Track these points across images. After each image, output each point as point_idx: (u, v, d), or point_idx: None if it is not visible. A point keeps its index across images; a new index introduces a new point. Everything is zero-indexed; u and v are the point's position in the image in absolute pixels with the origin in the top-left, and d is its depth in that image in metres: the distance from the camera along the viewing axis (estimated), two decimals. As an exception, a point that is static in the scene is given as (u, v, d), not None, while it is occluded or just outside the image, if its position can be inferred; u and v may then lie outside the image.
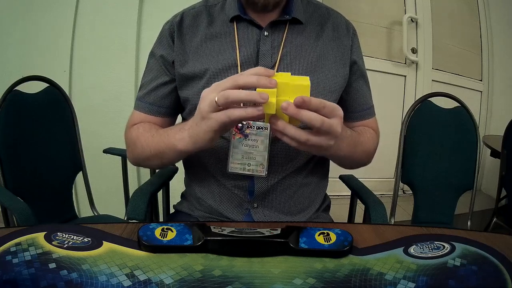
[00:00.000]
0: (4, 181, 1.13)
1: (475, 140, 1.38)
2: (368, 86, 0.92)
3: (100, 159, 1.59)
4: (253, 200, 0.83)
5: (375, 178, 2.64)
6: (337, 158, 0.82)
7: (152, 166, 1.09)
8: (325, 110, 0.59)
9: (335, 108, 0.60)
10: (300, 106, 0.56)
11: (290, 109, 0.56)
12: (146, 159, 0.82)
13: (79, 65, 1.86)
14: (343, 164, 0.88)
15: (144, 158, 0.82)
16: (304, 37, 0.83)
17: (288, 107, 0.56)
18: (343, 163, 0.87)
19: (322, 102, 0.58)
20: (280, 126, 0.59)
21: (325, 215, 0.94)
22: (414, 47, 2.65)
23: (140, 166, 1.34)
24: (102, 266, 0.52)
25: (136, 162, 0.88)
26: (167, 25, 0.86)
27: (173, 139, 0.73)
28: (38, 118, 1.26)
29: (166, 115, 0.88)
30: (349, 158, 0.82)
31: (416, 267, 0.54)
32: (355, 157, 0.83)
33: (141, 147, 0.81)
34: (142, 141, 0.81)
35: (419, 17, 2.63)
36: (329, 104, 0.59)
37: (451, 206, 1.40)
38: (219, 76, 0.79)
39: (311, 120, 0.57)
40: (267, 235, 0.59)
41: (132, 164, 0.90)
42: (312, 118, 0.57)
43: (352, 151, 0.79)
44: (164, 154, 0.76)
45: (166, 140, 0.75)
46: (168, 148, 0.75)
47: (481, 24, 2.83)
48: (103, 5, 1.83)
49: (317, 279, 0.52)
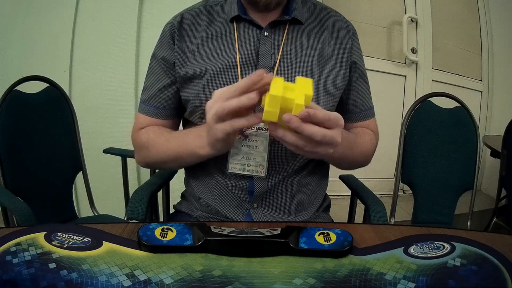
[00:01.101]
0: (4, 181, 1.13)
1: (475, 140, 1.38)
2: (368, 87, 0.92)
3: (100, 159, 1.59)
4: (253, 200, 0.83)
5: (375, 178, 2.64)
6: (333, 160, 0.83)
7: (168, 168, 1.13)
8: (329, 122, 0.59)
9: (338, 119, 0.60)
10: (306, 119, 0.56)
11: (292, 122, 0.56)
12: (162, 163, 0.85)
13: (79, 65, 1.86)
14: (340, 166, 0.88)
15: (160, 161, 0.85)
16: (304, 37, 0.83)
17: (291, 120, 0.56)
18: (340, 164, 0.87)
19: (327, 115, 0.58)
20: (280, 134, 0.60)
21: (325, 215, 0.94)
22: (414, 47, 2.65)
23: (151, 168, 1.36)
24: (102, 266, 0.52)
25: (147, 165, 0.91)
26: (167, 27, 0.86)
27: (193, 146, 0.75)
28: (38, 118, 1.26)
29: (172, 117, 0.88)
30: (345, 160, 0.82)
31: (416, 267, 0.54)
32: (352, 158, 0.84)
33: (155, 151, 0.83)
34: (156, 146, 0.82)
35: (419, 17, 2.63)
36: (333, 117, 0.59)
37: (451, 206, 1.40)
38: (219, 76, 0.79)
39: (313, 134, 0.58)
40: (267, 235, 0.59)
41: (140, 166, 0.92)
42: (314, 132, 0.58)
43: (348, 153, 0.80)
44: (184, 159, 0.80)
45: (185, 145, 0.78)
46: (189, 154, 0.77)
47: (481, 24, 2.83)
48: (103, 5, 1.83)
49: (317, 279, 0.52)
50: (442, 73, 2.75)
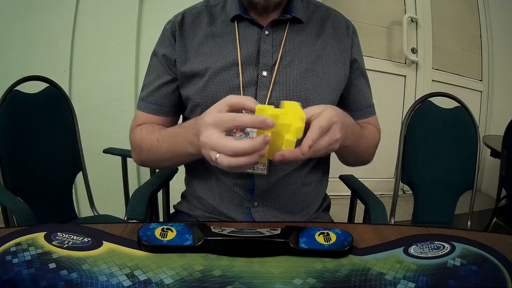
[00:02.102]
0: (4, 181, 1.13)
1: (475, 140, 1.38)
2: (368, 84, 0.92)
3: (100, 159, 1.59)
4: (254, 198, 0.83)
5: (375, 178, 2.64)
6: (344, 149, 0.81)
7: (164, 167, 1.11)
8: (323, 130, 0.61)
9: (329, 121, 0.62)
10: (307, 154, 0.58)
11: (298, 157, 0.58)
12: (156, 162, 0.85)
13: (79, 65, 1.86)
14: (347, 158, 0.88)
15: (154, 161, 0.84)
16: (305, 36, 0.83)
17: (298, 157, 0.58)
18: (348, 156, 0.87)
19: (321, 128, 0.60)
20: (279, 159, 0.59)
21: (325, 215, 0.94)
22: (414, 47, 2.65)
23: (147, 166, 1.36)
24: (102, 266, 0.52)
25: (142, 164, 0.90)
26: (168, 25, 0.86)
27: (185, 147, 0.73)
28: (38, 118, 1.26)
29: (169, 114, 0.88)
30: (354, 150, 0.82)
31: (416, 267, 0.54)
32: (359, 150, 0.84)
33: (148, 150, 0.82)
34: (148, 145, 0.82)
35: (419, 17, 2.63)
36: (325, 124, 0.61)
37: (451, 206, 1.40)
38: (220, 74, 0.80)
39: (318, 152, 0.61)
40: (267, 235, 0.59)
41: (137, 164, 0.91)
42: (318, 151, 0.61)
43: (357, 142, 0.79)
44: (178, 157, 0.79)
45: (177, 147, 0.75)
46: (182, 155, 0.75)
47: (481, 24, 2.83)
48: (103, 5, 1.83)
49: (317, 279, 0.52)
50: (442, 73, 2.75)
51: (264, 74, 0.80)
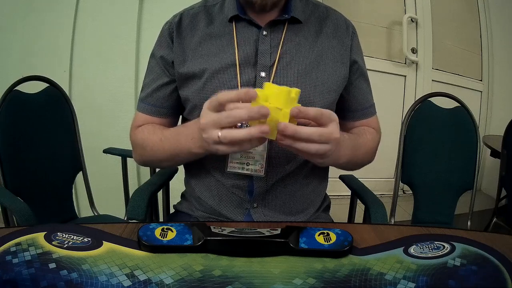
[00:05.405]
0: (4, 181, 1.13)
1: (475, 140, 1.37)
2: (368, 84, 0.92)
3: (100, 159, 1.59)
4: (253, 200, 0.83)
5: (375, 178, 2.64)
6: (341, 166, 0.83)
7: (165, 166, 1.13)
8: (323, 118, 0.61)
9: (330, 113, 0.62)
10: (296, 116, 0.59)
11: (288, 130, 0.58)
12: (158, 161, 0.85)
13: (79, 65, 1.86)
14: (347, 168, 0.88)
15: (156, 160, 0.85)
16: (303, 36, 0.83)
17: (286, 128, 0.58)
18: (346, 168, 0.87)
19: (319, 111, 0.60)
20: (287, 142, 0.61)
21: (325, 215, 0.94)
22: (414, 47, 2.65)
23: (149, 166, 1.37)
24: (102, 266, 0.52)
25: (144, 164, 0.91)
26: (166, 26, 0.86)
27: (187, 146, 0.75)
28: (38, 118, 1.26)
29: (168, 115, 0.88)
30: (351, 163, 0.82)
31: (416, 267, 0.54)
32: (357, 160, 0.84)
33: (150, 150, 0.83)
34: (150, 145, 0.82)
35: (419, 17, 2.63)
36: (326, 111, 0.62)
37: (451, 206, 1.40)
38: (218, 75, 0.80)
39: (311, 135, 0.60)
40: (267, 235, 0.59)
41: (138, 163, 0.92)
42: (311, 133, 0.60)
43: (353, 155, 0.80)
44: (180, 157, 0.79)
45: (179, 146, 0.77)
46: (184, 154, 0.77)
47: (481, 24, 2.83)
48: (103, 5, 1.83)
49: (317, 279, 0.52)
50: (442, 73, 2.75)
51: (262, 75, 0.79)
